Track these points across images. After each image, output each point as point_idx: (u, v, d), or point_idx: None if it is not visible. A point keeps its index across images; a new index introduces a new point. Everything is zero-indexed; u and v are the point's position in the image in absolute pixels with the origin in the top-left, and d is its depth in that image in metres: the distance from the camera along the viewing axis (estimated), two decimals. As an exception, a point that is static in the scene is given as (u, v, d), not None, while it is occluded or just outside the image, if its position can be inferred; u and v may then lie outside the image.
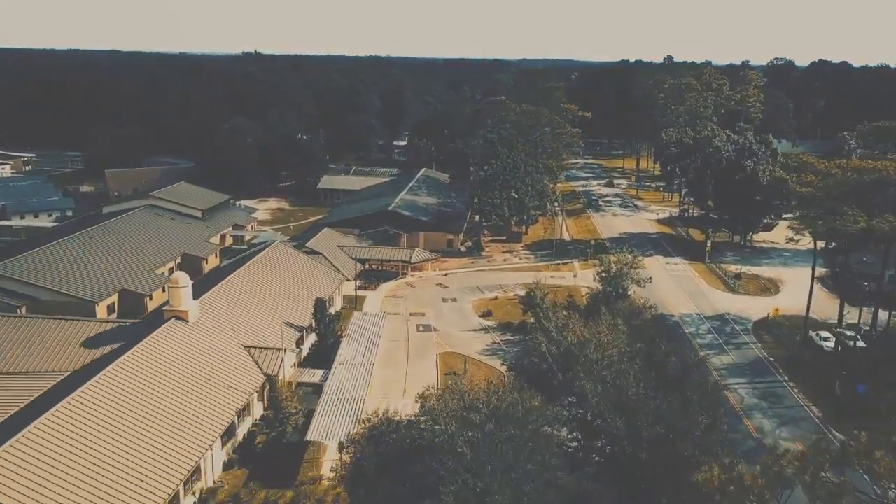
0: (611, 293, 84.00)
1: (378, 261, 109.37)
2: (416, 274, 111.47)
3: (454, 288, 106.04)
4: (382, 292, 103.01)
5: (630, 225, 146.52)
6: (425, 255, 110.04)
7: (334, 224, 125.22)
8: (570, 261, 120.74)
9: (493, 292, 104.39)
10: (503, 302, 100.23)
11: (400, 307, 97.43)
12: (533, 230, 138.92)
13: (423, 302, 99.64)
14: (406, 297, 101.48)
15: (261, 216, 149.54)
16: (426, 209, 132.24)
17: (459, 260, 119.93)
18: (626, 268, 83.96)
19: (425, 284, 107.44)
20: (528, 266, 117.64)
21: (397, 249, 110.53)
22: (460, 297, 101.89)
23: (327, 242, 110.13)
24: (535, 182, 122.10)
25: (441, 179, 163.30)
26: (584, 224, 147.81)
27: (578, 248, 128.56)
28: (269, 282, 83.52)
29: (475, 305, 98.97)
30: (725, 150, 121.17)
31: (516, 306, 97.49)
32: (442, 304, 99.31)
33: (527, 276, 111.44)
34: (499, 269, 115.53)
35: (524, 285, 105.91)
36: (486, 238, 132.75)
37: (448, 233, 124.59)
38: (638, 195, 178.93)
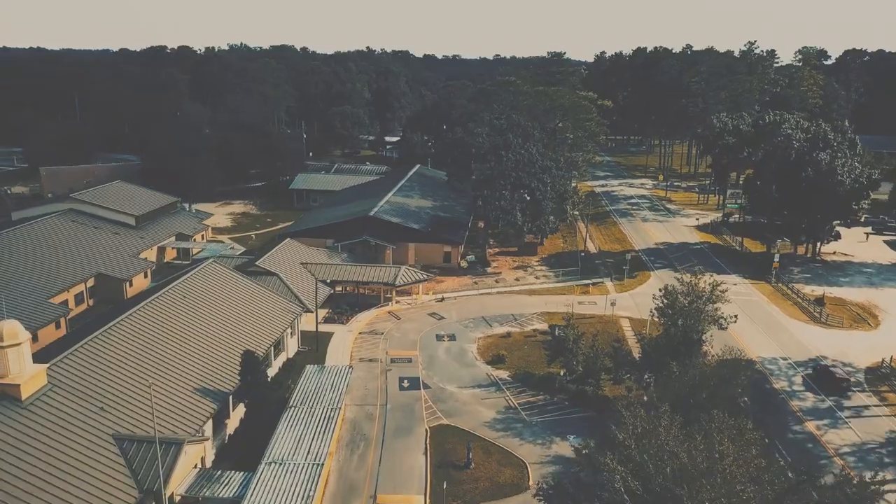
0: (677, 336, 58.16)
1: (353, 283, 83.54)
2: (404, 299, 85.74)
3: (453, 319, 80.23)
4: (356, 327, 77.19)
5: (666, 233, 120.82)
6: (415, 275, 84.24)
7: (301, 233, 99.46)
8: (600, 280, 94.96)
9: (504, 325, 78.60)
10: (519, 341, 74.42)
11: (377, 349, 71.62)
12: (549, 240, 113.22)
13: (409, 341, 73.85)
14: (387, 334, 75.69)
15: (220, 223, 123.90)
16: (418, 214, 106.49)
17: (460, 279, 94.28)
18: (700, 300, 58.01)
19: (415, 314, 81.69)
20: (548, 288, 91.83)
21: (379, 268, 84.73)
22: (461, 334, 76.09)
23: (287, 258, 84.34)
24: (554, 180, 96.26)
25: (437, 178, 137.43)
26: (610, 233, 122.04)
27: (609, 264, 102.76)
28: (187, 321, 57.74)
29: (481, 346, 73.14)
30: (796, 140, 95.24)
31: (537, 348, 71.72)
32: (436, 343, 73.51)
33: (547, 301, 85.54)
34: (511, 292, 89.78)
35: (545, 316, 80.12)
36: (492, 251, 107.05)
37: (445, 244, 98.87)
38: (668, 196, 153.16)
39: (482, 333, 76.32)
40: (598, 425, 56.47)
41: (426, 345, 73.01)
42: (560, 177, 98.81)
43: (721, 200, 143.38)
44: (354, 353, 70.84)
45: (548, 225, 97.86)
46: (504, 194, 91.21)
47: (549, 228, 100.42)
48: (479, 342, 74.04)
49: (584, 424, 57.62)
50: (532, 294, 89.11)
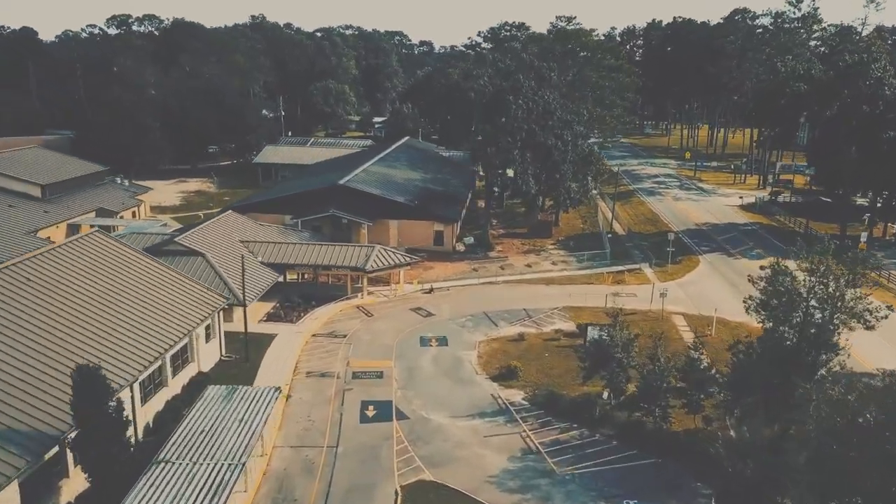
0: (798, 340, 36.79)
1: (310, 267, 62.04)
2: (379, 290, 64.40)
3: (444, 317, 58.87)
4: (310, 327, 55.76)
5: (706, 212, 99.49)
6: (394, 257, 62.84)
7: (253, 208, 78.07)
8: (636, 266, 73.57)
9: (514, 324, 57.28)
10: (536, 346, 53.09)
11: (335, 359, 50.23)
12: (565, 220, 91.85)
13: (382, 347, 52.51)
14: (352, 337, 54.32)
15: (166, 201, 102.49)
16: (403, 186, 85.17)
17: (454, 265, 72.91)
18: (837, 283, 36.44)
19: (392, 309, 60.32)
20: (570, 276, 70.42)
21: (345, 248, 63.28)
22: (455, 336, 54.75)
23: (222, 236, 62.95)
24: (576, 138, 74.90)
25: (429, 150, 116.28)
26: (639, 212, 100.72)
27: (643, 247, 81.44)
28: (18, 319, 36.31)
29: (483, 354, 51.78)
30: (889, 86, 73.98)
31: (564, 356, 50.53)
32: (420, 350, 52.20)
33: (571, 292, 64.10)
34: (521, 281, 68.36)
35: (570, 312, 58.88)
36: (495, 231, 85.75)
37: (436, 221, 77.50)
38: (697, 176, 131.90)
39: (484, 336, 54.97)
40: (669, 480, 35.46)
41: (405, 352, 51.70)
42: (583, 135, 77.53)
43: (763, 180, 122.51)
44: (302, 364, 49.47)
45: (569, 195, 76.41)
46: (515, 155, 69.79)
47: (571, 200, 78.99)
48: (479, 348, 52.71)
49: (646, 478, 36.49)
50: (550, 283, 67.69)
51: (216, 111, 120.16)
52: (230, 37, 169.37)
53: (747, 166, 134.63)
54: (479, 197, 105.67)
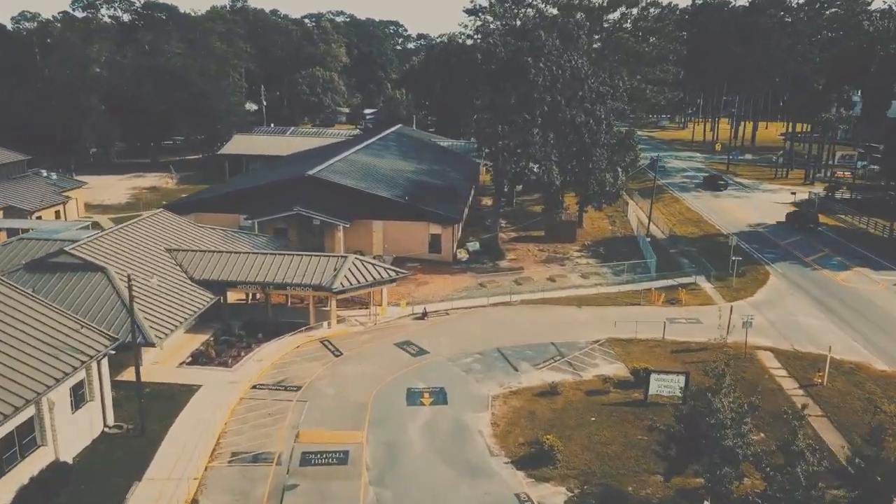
0: None
1: (259, 285, 45.25)
2: (352, 314, 47.85)
3: (441, 355, 42.21)
4: (250, 372, 39.04)
5: (755, 212, 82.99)
6: (373, 271, 46.21)
7: (199, 207, 61.73)
8: (689, 280, 56.94)
9: (540, 367, 40.70)
10: (576, 403, 36.46)
11: (280, 428, 33.54)
12: (590, 220, 75.32)
13: (351, 405, 35.87)
14: (311, 390, 37.62)
15: (111, 199, 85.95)
16: (391, 179, 68.68)
17: (455, 278, 56.33)
18: None
19: (371, 344, 43.68)
20: (607, 293, 53.82)
21: (306, 260, 46.40)
22: (457, 388, 38.12)
23: (142, 243, 46.40)
24: (611, 115, 58.45)
25: (425, 139, 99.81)
26: (673, 210, 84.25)
27: (691, 254, 64.94)
28: None
29: (500, 419, 35.12)
30: None
31: (617, 420, 33.70)
32: (406, 412, 35.58)
33: (611, 316, 47.44)
34: (543, 301, 51.71)
35: (617, 347, 42.41)
36: (506, 235, 69.28)
37: (432, 222, 60.89)
38: (731, 170, 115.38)
39: (500, 387, 38.37)
40: None
41: (385, 415, 35.10)
42: (620, 113, 61.04)
43: (811, 174, 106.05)
44: (227, 438, 32.84)
45: (603, 189, 59.82)
46: (534, 135, 53.15)
47: (606, 194, 62.35)
48: (494, 407, 36.10)
49: None
50: (583, 305, 51.09)
51: (178, 94, 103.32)
52: (205, 18, 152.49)
53: (786, 160, 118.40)
54: (485, 194, 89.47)
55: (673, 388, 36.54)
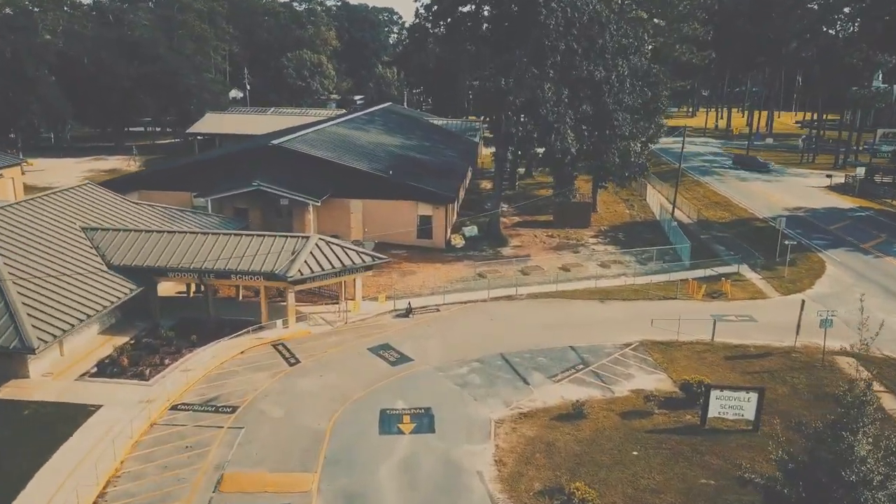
0: None
1: (195, 273, 35.28)
2: (317, 312, 38.07)
3: (429, 364, 32.38)
4: (172, 389, 29.16)
5: (790, 195, 73.29)
6: (342, 255, 36.34)
7: (146, 182, 52.06)
8: (730, 268, 47.08)
9: (559, 380, 30.91)
10: (609, 430, 26.62)
11: (197, 469, 23.67)
12: (604, 205, 65.51)
13: (303, 434, 26.03)
14: (249, 411, 27.75)
15: (63, 182, 75.64)
16: (371, 153, 58.96)
17: (449, 267, 46.47)
18: None
19: (338, 349, 33.82)
20: (634, 285, 43.99)
21: (257, 241, 36.43)
22: (448, 410, 28.31)
23: (49, 221, 36.57)
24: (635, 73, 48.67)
25: (417, 117, 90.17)
26: (698, 193, 74.49)
27: (725, 240, 55.24)
28: None
29: (507, 455, 25.26)
30: None
31: (668, 456, 23.39)
32: (377, 444, 25.75)
33: (643, 312, 37.66)
34: (557, 295, 41.85)
35: (654, 350, 32.38)
36: (509, 220, 59.57)
37: (421, 201, 51.04)
38: (750, 155, 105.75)
39: (506, 407, 28.60)
40: None
41: (347, 449, 25.31)
42: (646, 72, 51.28)
43: (842, 158, 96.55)
44: (116, 486, 23.04)
45: (628, 161, 50.01)
46: (545, 92, 43.25)
47: (631, 168, 52.55)
48: (499, 437, 26.30)
49: None
50: (607, 299, 41.32)
51: (145, 69, 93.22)
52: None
53: (807, 144, 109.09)
54: (484, 177, 79.72)
55: (741, 410, 26.88)
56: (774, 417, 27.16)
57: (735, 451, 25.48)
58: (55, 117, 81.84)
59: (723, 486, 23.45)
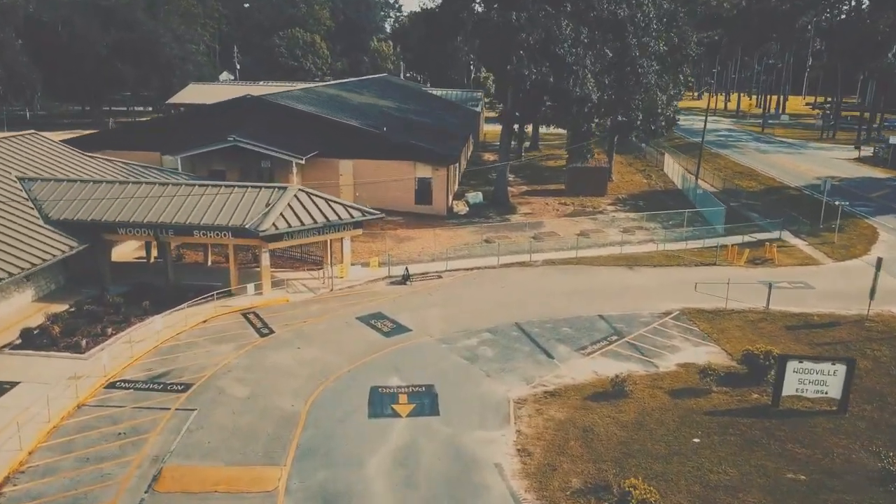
0: None
1: (151, 228, 29.48)
2: (300, 280, 32.37)
3: (431, 335, 26.73)
4: (113, 363, 23.44)
5: (819, 166, 67.73)
6: (326, 208, 30.52)
7: (110, 141, 46.38)
8: (771, 235, 41.44)
9: (589, 353, 25.30)
10: (658, 412, 20.98)
11: (130, 459, 17.94)
12: (619, 175, 59.85)
13: (270, 418, 20.37)
14: (205, 389, 22.05)
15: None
16: (363, 111, 53.32)
17: (451, 233, 40.71)
18: None
19: (322, 319, 28.13)
20: (664, 252, 38.34)
21: (225, 193, 30.60)
22: (455, 388, 22.70)
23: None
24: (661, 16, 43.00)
25: (414, 87, 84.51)
26: (719, 164, 68.74)
27: (754, 206, 49.62)
28: None
29: (532, 443, 19.60)
30: None
31: (738, 442, 17.35)
32: (365, 430, 20.08)
33: (682, 278, 31.97)
34: (577, 262, 36.16)
35: (699, 319, 26.51)
36: (516, 189, 53.90)
37: (419, 162, 45.27)
38: (766, 132, 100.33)
39: (526, 384, 22.98)
40: None
41: (326, 436, 19.68)
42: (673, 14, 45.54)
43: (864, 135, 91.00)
44: (16, 485, 17.34)
45: (656, 111, 44.28)
46: (563, 29, 37.45)
47: (657, 122, 46.83)
48: (521, 422, 20.66)
49: None
50: (634, 265, 35.71)
51: (123, 36, 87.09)
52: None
53: (825, 121, 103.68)
54: (487, 150, 74.16)
55: (823, 386, 21.32)
56: (860, 396, 21.62)
57: (823, 438, 19.94)
58: (20, 86, 75.65)
59: (816, 481, 17.89)
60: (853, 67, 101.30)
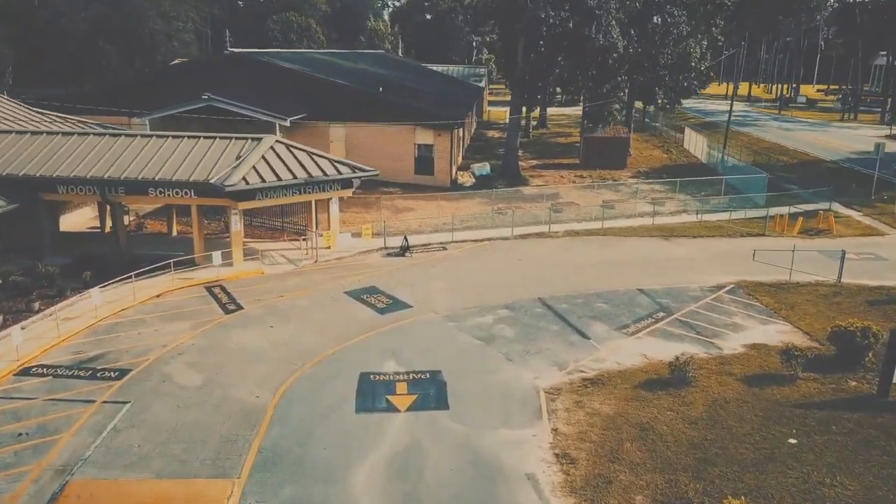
0: None
1: (96, 185, 24.42)
2: (278, 251, 27.37)
3: (434, 309, 21.74)
4: (29, 345, 18.44)
5: (851, 142, 62.86)
6: (308, 162, 25.44)
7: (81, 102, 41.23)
8: (823, 206, 36.43)
9: (632, 332, 20.33)
10: (738, 401, 15.92)
11: (27, 469, 13.05)
12: (637, 150, 54.88)
13: (226, 414, 15.33)
14: (147, 377, 17.01)
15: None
16: (357, 76, 48.28)
17: (454, 204, 35.51)
18: None
19: (301, 292, 23.14)
20: (704, 222, 33.36)
21: (188, 143, 25.51)
22: (464, 371, 17.71)
23: None
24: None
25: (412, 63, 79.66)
26: (741, 141, 63.68)
27: (790, 179, 44.64)
28: None
29: (574, 442, 14.58)
30: None
31: (853, 443, 11.60)
32: (352, 427, 15.07)
33: (730, 249, 26.91)
34: (604, 232, 31.11)
35: (764, 294, 21.42)
36: (526, 163, 48.83)
37: (419, 126, 40.22)
38: (783, 114, 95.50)
39: (558, 370, 17.98)
40: None
41: (300, 438, 14.68)
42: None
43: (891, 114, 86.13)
44: None
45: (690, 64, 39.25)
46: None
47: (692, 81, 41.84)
48: (556, 417, 15.66)
49: None
50: (671, 236, 30.77)
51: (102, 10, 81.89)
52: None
53: (844, 103, 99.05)
54: (491, 129, 69.29)
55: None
56: None
57: (960, 439, 14.98)
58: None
59: (972, 499, 12.94)
60: (871, 48, 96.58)
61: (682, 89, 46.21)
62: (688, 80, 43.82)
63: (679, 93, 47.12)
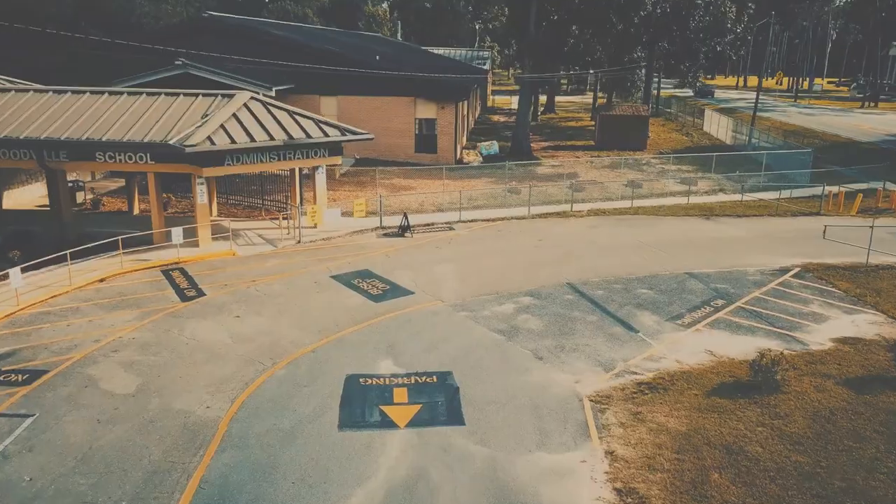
0: None
1: (34, 147, 20.34)
2: (255, 230, 23.27)
3: (441, 297, 17.62)
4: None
5: (884, 125, 58.78)
6: (288, 122, 21.34)
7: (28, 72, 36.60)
8: (871, 186, 32.35)
9: (686, 321, 16.18)
10: (848, 410, 11.75)
11: None
12: (655, 133, 50.84)
13: (161, 433, 11.12)
14: (66, 381, 12.88)
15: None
16: (353, 47, 44.11)
17: (460, 183, 31.28)
18: None
19: (279, 276, 19.02)
20: (746, 202, 29.26)
21: (149, 99, 21.41)
22: (481, 373, 13.56)
23: None
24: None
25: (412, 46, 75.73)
26: (768, 125, 59.49)
27: (828, 159, 40.58)
28: None
29: (637, 472, 10.41)
30: None
31: None
32: (334, 451, 10.89)
33: (779, 228, 22.70)
34: (634, 211, 27.00)
35: (839, 279, 17.00)
36: (537, 145, 44.73)
37: (420, 98, 36.12)
38: (799, 101, 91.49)
39: (603, 371, 13.85)
40: None
41: (260, 466, 10.51)
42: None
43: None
44: None
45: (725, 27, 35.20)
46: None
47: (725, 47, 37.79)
48: (609, 435, 11.53)
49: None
50: (712, 215, 26.70)
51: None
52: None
53: (861, 90, 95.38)
54: (496, 114, 65.41)
55: None
56: None
57: None
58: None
59: None
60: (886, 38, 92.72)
61: (716, 54, 41.96)
62: (721, 44, 39.60)
63: (711, 60, 42.87)
